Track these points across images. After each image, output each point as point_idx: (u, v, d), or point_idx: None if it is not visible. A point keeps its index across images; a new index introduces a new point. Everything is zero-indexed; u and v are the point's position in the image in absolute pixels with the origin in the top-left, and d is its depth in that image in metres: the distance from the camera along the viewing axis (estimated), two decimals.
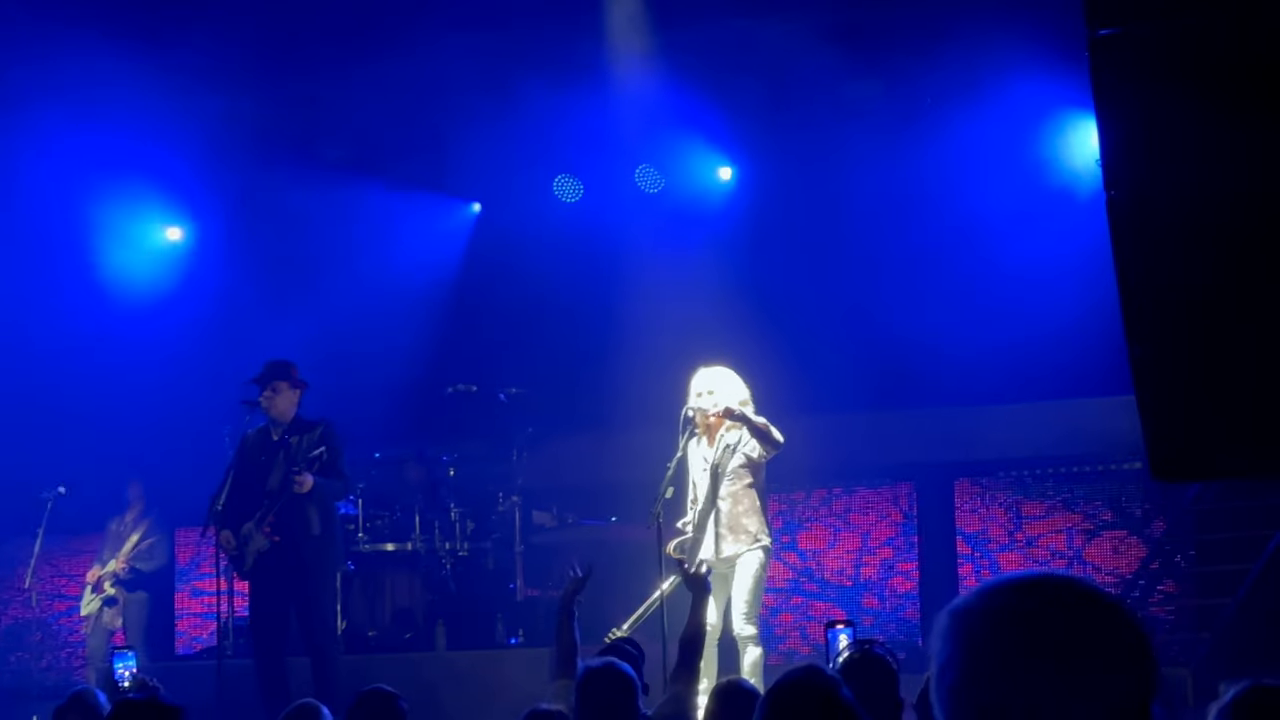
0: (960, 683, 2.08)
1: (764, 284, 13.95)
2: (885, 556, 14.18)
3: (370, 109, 14.51)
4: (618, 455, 13.96)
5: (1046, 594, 2.11)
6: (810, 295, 13.95)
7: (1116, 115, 5.09)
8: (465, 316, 15.22)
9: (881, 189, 13.76)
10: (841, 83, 13.69)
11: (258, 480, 11.05)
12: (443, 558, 13.46)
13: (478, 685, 12.03)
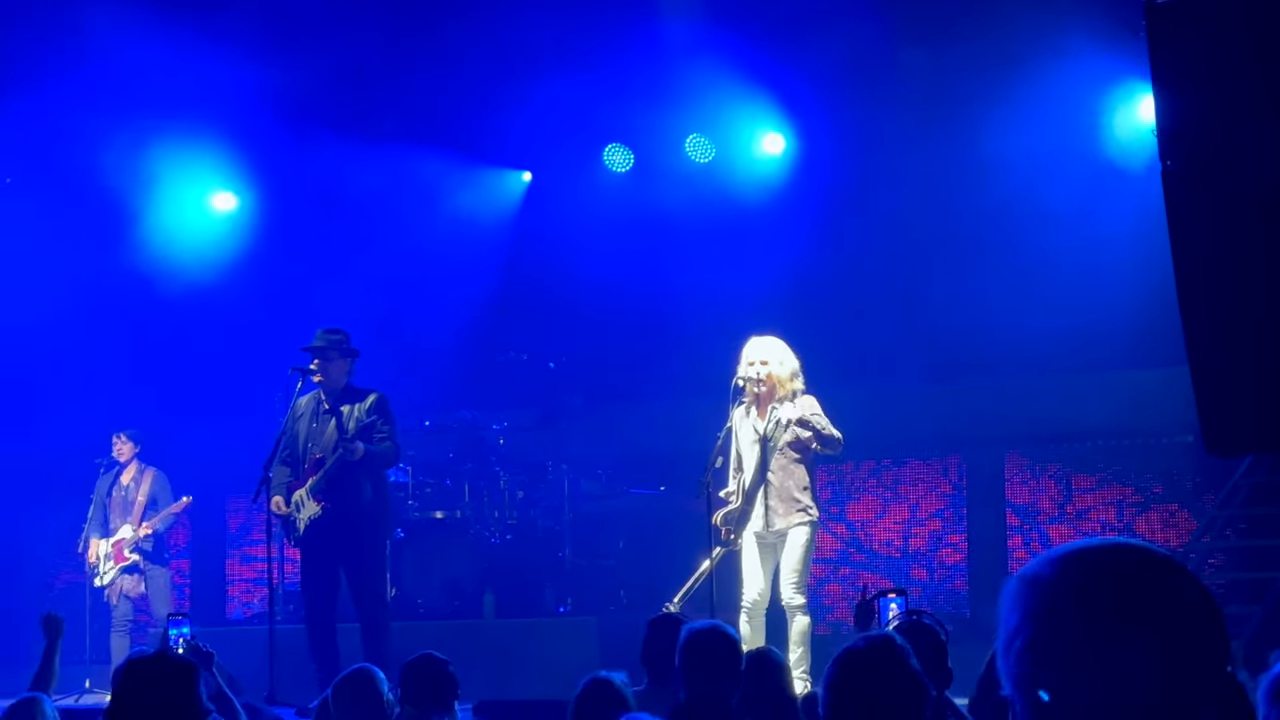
0: (1035, 652, 2.06)
1: (815, 254, 13.92)
2: (934, 528, 14.16)
3: (422, 78, 14.53)
4: (666, 424, 13.99)
5: (1122, 560, 2.08)
6: (861, 266, 13.92)
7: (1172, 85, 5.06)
8: (515, 285, 15.25)
9: (935, 160, 13.69)
10: (897, 52, 13.63)
11: (309, 448, 11.11)
12: (492, 526, 13.51)
13: (526, 653, 12.07)
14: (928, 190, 13.67)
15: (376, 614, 11.06)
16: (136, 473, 14.23)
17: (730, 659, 6.12)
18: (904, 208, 13.79)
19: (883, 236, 13.90)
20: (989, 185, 13.38)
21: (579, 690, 6.03)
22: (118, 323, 15.53)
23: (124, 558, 14.07)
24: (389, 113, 14.97)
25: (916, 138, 13.74)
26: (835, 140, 14.26)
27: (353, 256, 15.09)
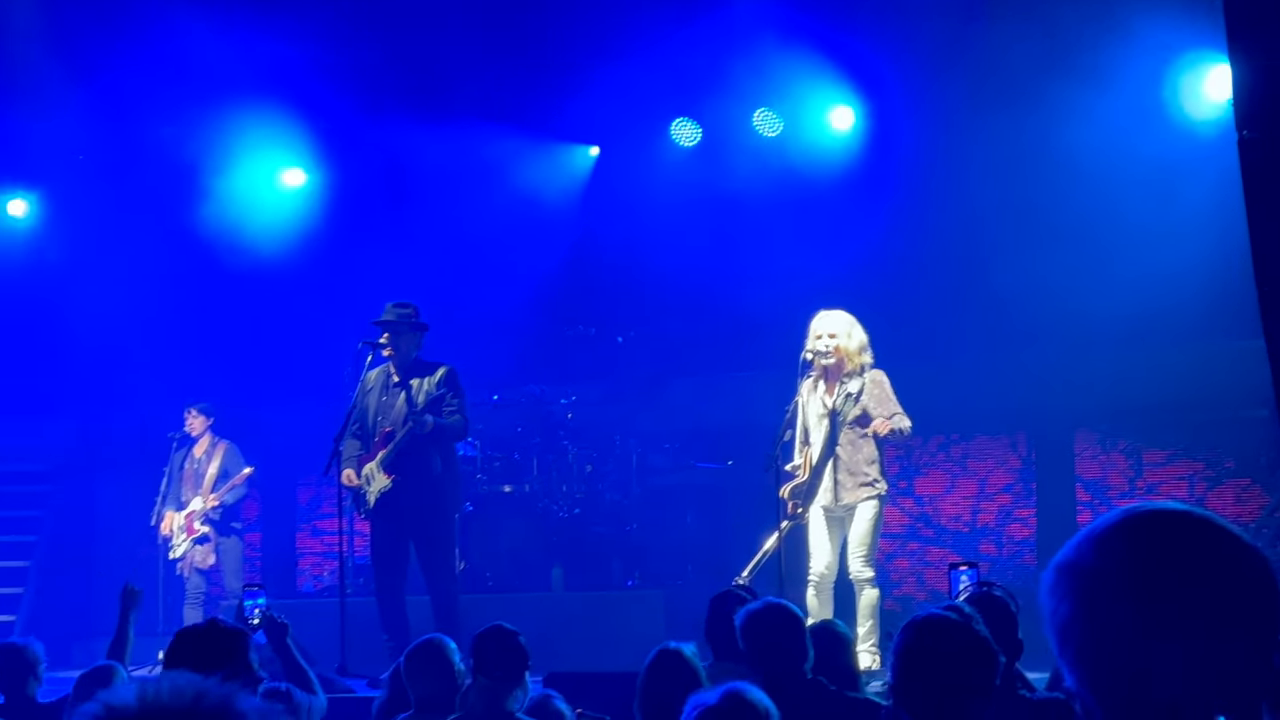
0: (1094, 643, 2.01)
1: (883, 229, 13.87)
2: (1003, 503, 14.11)
3: (491, 54, 14.54)
4: (734, 398, 14.00)
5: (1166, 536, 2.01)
6: (930, 240, 13.85)
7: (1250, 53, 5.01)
8: (583, 260, 15.27)
9: (1003, 134, 13.60)
10: (967, 26, 13.54)
11: (379, 421, 11.17)
12: (560, 500, 13.55)
13: (594, 627, 12.12)
14: (997, 164, 13.58)
15: (446, 587, 11.12)
16: (209, 446, 14.36)
17: (794, 630, 6.12)
18: (973, 182, 13.71)
19: (952, 211, 13.82)
20: (1058, 159, 13.28)
21: (649, 660, 6.05)
22: (190, 298, 15.66)
23: (195, 530, 14.19)
24: (457, 89, 14.99)
25: (985, 111, 13.65)
26: (904, 114, 14.20)
27: (422, 231, 15.14)
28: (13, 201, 16.50)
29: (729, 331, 14.43)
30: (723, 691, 4.31)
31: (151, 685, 1.72)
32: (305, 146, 15.85)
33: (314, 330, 14.78)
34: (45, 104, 15.17)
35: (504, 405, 14.08)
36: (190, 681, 1.74)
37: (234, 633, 4.83)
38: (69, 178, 15.96)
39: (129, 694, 1.72)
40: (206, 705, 1.72)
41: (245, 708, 1.74)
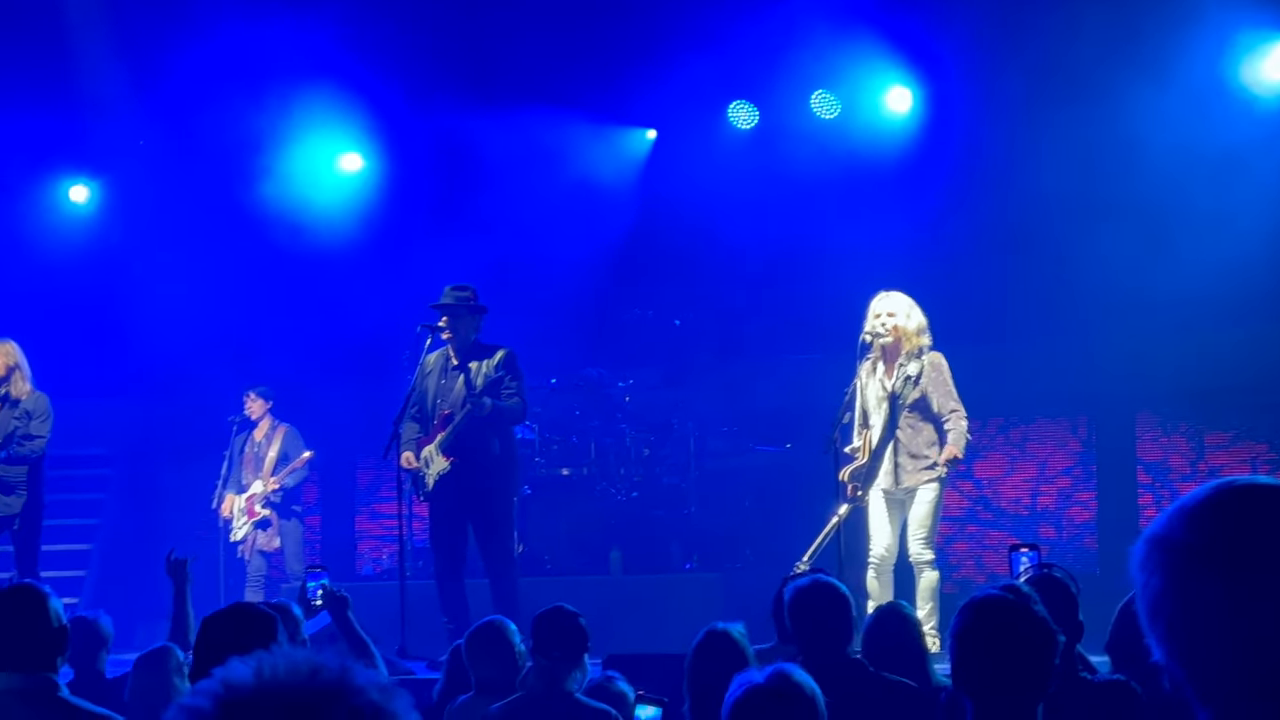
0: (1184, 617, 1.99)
1: (942, 211, 13.82)
2: (1063, 486, 14.05)
3: (547, 37, 14.55)
4: (793, 380, 13.97)
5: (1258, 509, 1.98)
6: (989, 223, 13.79)
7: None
8: (641, 243, 15.27)
9: (1064, 116, 13.52)
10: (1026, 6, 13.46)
11: (437, 404, 11.19)
12: (618, 483, 13.56)
13: (652, 610, 12.12)
14: (1056, 146, 13.50)
15: (505, 569, 11.13)
16: (269, 429, 14.44)
17: (839, 610, 6.10)
18: (1033, 164, 13.63)
19: (1012, 193, 13.75)
20: (1120, 141, 13.19)
21: (697, 640, 6.05)
22: (250, 282, 15.75)
23: (255, 513, 14.28)
24: (515, 73, 15.00)
25: (1045, 92, 13.57)
26: (963, 96, 14.13)
27: (480, 215, 15.17)
28: (75, 187, 16.63)
29: (787, 314, 14.40)
30: (770, 671, 4.31)
31: (268, 662, 1.72)
32: (364, 131, 15.91)
33: (373, 313, 14.84)
34: (106, 92, 15.29)
35: (562, 388, 14.10)
36: (306, 658, 1.73)
37: (262, 615, 4.83)
38: (130, 164, 16.06)
39: (245, 671, 1.71)
40: (324, 680, 1.72)
41: (364, 680, 1.73)
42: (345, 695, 1.71)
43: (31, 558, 11.38)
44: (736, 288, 14.50)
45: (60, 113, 15.49)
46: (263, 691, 1.69)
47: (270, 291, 15.69)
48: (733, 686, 4.31)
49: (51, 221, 16.62)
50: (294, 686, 1.70)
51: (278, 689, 1.70)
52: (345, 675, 1.72)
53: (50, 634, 5.08)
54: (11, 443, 11.25)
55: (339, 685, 1.71)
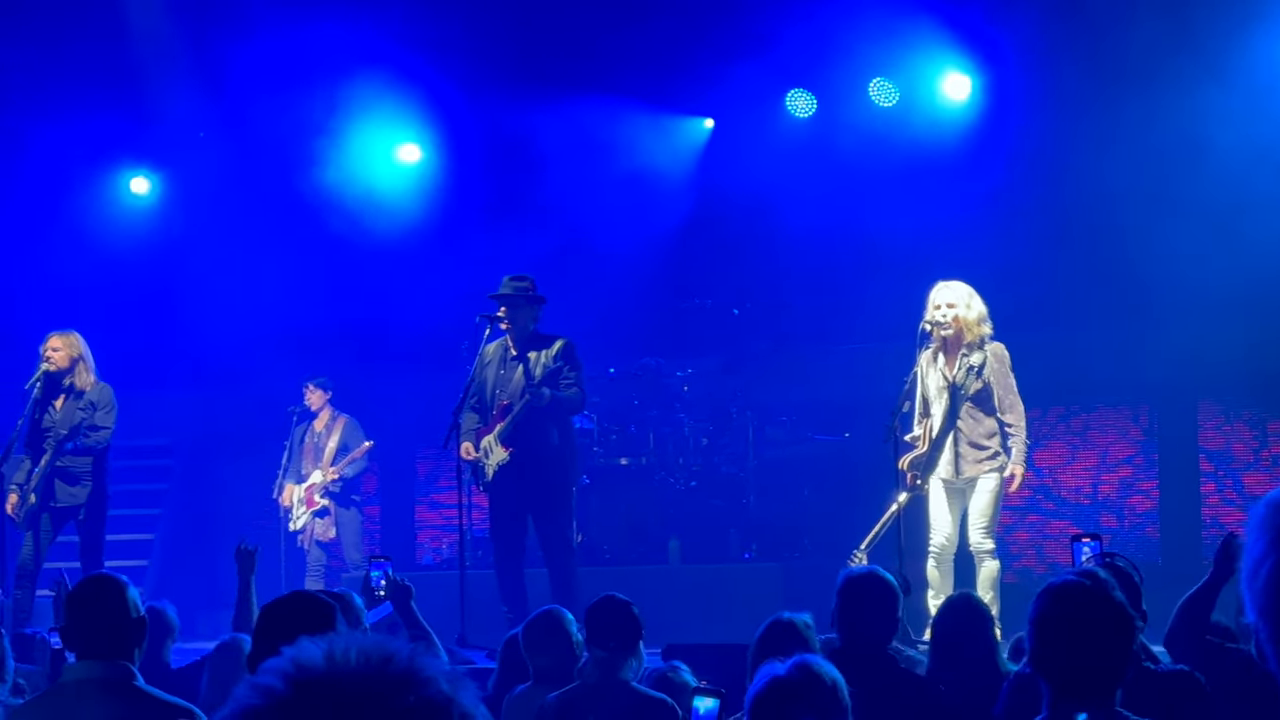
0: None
1: (1001, 199, 13.74)
2: (1124, 475, 13.97)
3: (607, 25, 14.55)
4: (851, 370, 13.94)
5: None
6: (1049, 211, 13.71)
7: None
8: (699, 232, 15.26)
9: (1123, 104, 13.43)
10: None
11: (497, 394, 11.21)
12: (676, 472, 13.56)
13: (711, 599, 12.13)
14: (1117, 134, 13.41)
15: (564, 559, 11.16)
16: (329, 420, 14.52)
17: (886, 604, 6.08)
18: (1094, 152, 13.55)
19: (1072, 181, 13.68)
20: (1182, 129, 13.08)
21: (761, 630, 6.05)
22: (310, 273, 15.83)
23: (315, 502, 14.35)
24: (572, 62, 15.01)
25: (1106, 81, 13.49)
26: (1023, 83, 14.05)
27: (539, 204, 15.19)
28: (136, 179, 16.76)
29: (844, 302, 14.37)
30: (792, 662, 4.32)
31: (340, 645, 1.72)
32: (422, 122, 15.96)
33: (432, 304, 14.88)
34: (168, 86, 15.40)
35: (620, 378, 14.11)
36: (378, 644, 1.74)
37: (321, 603, 4.85)
38: (190, 156, 16.17)
39: (316, 653, 1.72)
40: (395, 667, 1.72)
41: (433, 670, 1.74)
42: (416, 684, 1.71)
43: (96, 548, 11.47)
44: (794, 276, 14.46)
45: (122, 106, 15.60)
46: (334, 674, 1.70)
47: (330, 283, 15.77)
48: (757, 677, 4.32)
49: (113, 214, 16.75)
50: (365, 672, 1.70)
51: (349, 673, 1.70)
52: (415, 664, 1.73)
53: (128, 623, 5.11)
54: (77, 434, 11.34)
55: (409, 674, 1.72)
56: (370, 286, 15.67)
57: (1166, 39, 13.01)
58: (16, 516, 11.37)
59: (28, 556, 11.36)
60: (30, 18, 14.72)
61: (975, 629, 6.55)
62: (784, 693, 4.19)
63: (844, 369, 14.17)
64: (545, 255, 13.86)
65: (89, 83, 15.32)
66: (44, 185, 15.84)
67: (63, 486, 11.40)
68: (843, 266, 14.27)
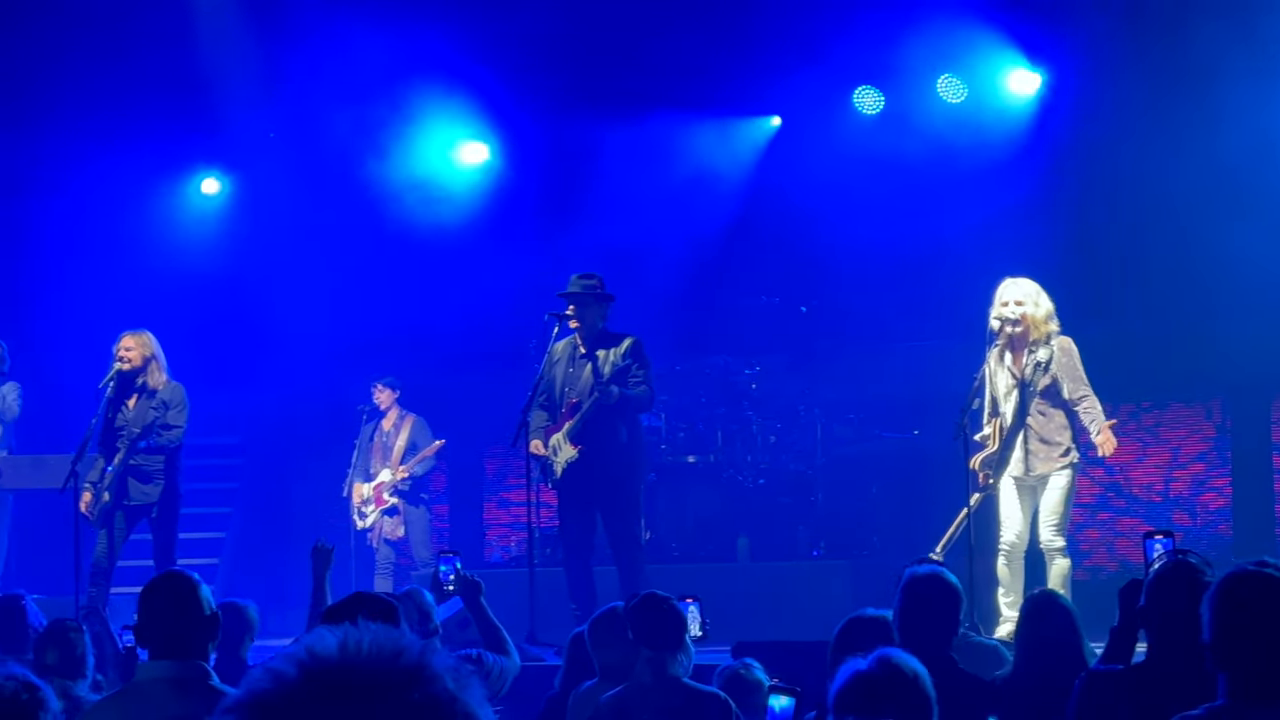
0: None
1: (1071, 196, 13.67)
2: (1197, 472, 13.85)
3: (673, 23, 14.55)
4: (919, 367, 13.89)
5: None
6: (1119, 208, 13.62)
7: None
8: (766, 228, 15.23)
9: (1192, 100, 13.31)
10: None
11: (565, 392, 11.24)
12: (744, 470, 13.55)
13: (780, 596, 12.12)
14: (1185, 130, 13.30)
15: (632, 556, 11.17)
16: (397, 419, 14.58)
17: (948, 605, 6.04)
18: (1161, 147, 13.44)
19: (1143, 177, 13.58)
20: (1251, 127, 12.96)
21: (840, 627, 6.02)
22: (378, 273, 15.91)
23: (384, 501, 14.42)
24: (637, 61, 14.99)
25: (1175, 77, 13.37)
26: (1091, 80, 13.97)
27: (606, 201, 15.21)
28: (206, 180, 16.90)
29: (913, 300, 14.32)
30: (874, 656, 4.30)
31: (354, 636, 1.77)
32: (487, 123, 16.02)
33: (500, 303, 14.93)
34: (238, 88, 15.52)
35: (687, 375, 14.11)
36: (391, 637, 1.78)
37: (382, 603, 4.87)
38: (260, 157, 16.27)
39: (331, 642, 1.77)
40: (404, 662, 1.77)
41: (441, 667, 1.78)
42: (422, 680, 1.76)
43: (169, 546, 11.56)
44: (861, 273, 14.41)
45: (193, 110, 15.72)
46: (345, 665, 1.75)
47: (398, 282, 15.83)
48: (839, 673, 4.30)
49: (184, 214, 16.90)
50: (375, 665, 1.75)
51: (359, 664, 1.75)
52: (425, 660, 1.78)
53: (201, 621, 5.09)
54: (150, 432, 11.43)
55: (417, 669, 1.77)
56: (438, 285, 15.72)
57: (1231, 34, 12.89)
58: (91, 515, 11.48)
59: (102, 554, 11.47)
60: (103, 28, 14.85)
61: (1061, 626, 6.51)
62: (868, 688, 4.18)
63: (911, 366, 14.11)
64: (612, 253, 13.86)
65: (161, 88, 15.44)
66: (117, 187, 15.98)
67: (136, 485, 11.50)
68: (910, 263, 14.21)
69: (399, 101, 15.55)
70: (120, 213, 16.34)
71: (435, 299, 15.63)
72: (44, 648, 7.18)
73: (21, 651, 7.69)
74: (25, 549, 14.58)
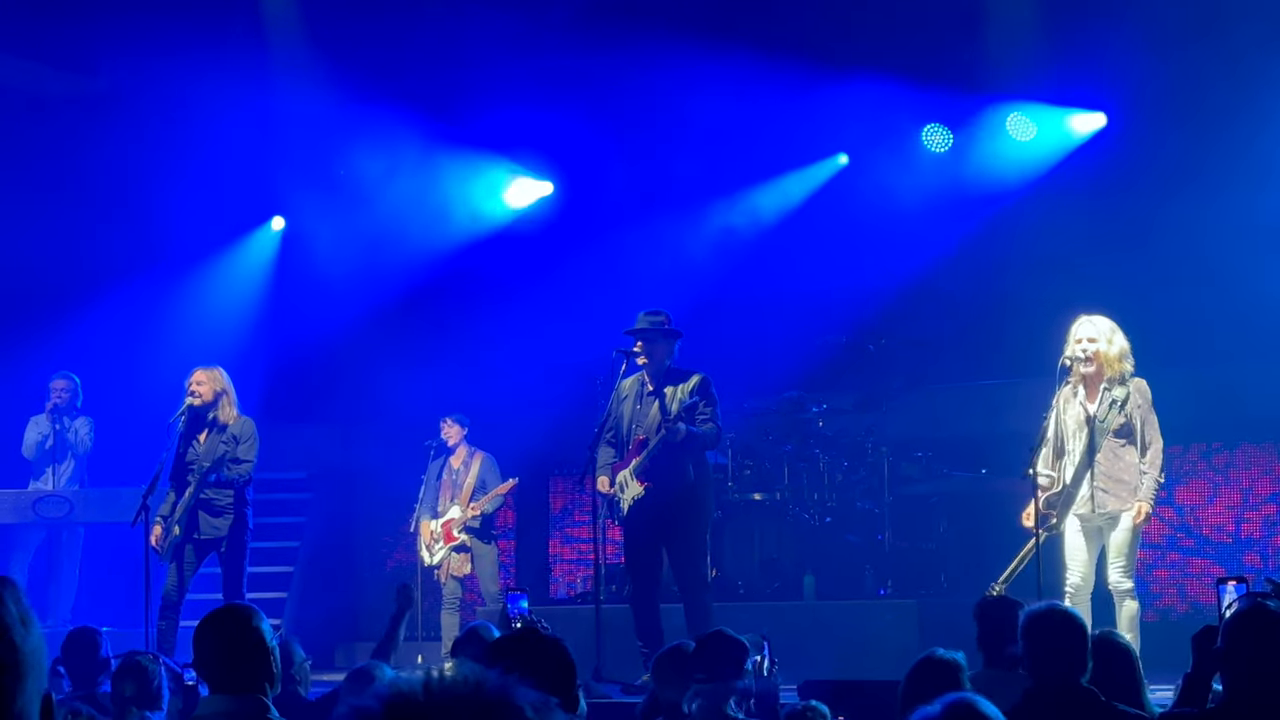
0: None
1: (1144, 233, 13.59)
2: (1268, 513, 13.72)
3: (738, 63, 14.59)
4: (987, 406, 13.84)
5: None
6: (1191, 243, 13.51)
7: None
8: (832, 267, 15.22)
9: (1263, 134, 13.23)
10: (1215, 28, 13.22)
11: (633, 429, 11.25)
12: (811, 508, 13.52)
13: (847, 636, 12.06)
14: (1258, 166, 13.21)
15: (699, 594, 11.14)
16: (466, 455, 14.61)
17: (1075, 638, 5.99)
18: (1232, 185, 13.34)
19: (1210, 214, 13.47)
20: None
21: (912, 667, 6.00)
22: (444, 308, 16.00)
23: (453, 538, 14.44)
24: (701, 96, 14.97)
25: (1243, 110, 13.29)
26: (1158, 117, 13.90)
27: (671, 237, 15.27)
28: (275, 218, 17.10)
29: (982, 339, 14.27)
30: (947, 702, 4.26)
31: (436, 672, 1.83)
32: (550, 156, 16.14)
33: (567, 339, 14.97)
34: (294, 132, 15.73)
35: (754, 413, 14.11)
36: (473, 670, 1.83)
37: (553, 641, 4.87)
38: (326, 194, 16.39)
39: (416, 679, 1.82)
40: (486, 695, 1.81)
41: (523, 701, 1.82)
42: (504, 711, 1.80)
43: (237, 580, 11.63)
44: (931, 312, 14.39)
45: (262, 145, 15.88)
46: (427, 698, 1.80)
47: (464, 316, 15.91)
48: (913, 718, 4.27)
49: (254, 251, 17.08)
50: (456, 696, 1.80)
51: (441, 697, 1.80)
52: (506, 692, 1.82)
53: (259, 654, 5.09)
54: (220, 466, 11.53)
55: (499, 700, 1.81)
56: (505, 320, 15.80)
57: None
58: (161, 548, 11.57)
59: (171, 588, 11.55)
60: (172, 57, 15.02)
61: (1119, 668, 6.46)
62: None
63: (980, 405, 14.07)
64: (680, 289, 13.88)
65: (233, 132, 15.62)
66: (187, 225, 16.14)
67: (206, 519, 11.59)
68: (978, 301, 14.17)
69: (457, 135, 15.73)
70: (191, 250, 16.52)
71: (501, 333, 15.70)
72: (121, 680, 7.24)
73: (94, 684, 7.77)
74: (96, 582, 14.71)
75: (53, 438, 14.44)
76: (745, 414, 14.08)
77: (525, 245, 16.38)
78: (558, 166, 16.34)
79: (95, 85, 15.97)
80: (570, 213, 16.35)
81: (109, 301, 15.94)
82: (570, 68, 15.11)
